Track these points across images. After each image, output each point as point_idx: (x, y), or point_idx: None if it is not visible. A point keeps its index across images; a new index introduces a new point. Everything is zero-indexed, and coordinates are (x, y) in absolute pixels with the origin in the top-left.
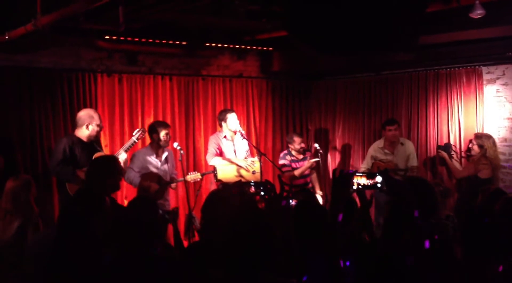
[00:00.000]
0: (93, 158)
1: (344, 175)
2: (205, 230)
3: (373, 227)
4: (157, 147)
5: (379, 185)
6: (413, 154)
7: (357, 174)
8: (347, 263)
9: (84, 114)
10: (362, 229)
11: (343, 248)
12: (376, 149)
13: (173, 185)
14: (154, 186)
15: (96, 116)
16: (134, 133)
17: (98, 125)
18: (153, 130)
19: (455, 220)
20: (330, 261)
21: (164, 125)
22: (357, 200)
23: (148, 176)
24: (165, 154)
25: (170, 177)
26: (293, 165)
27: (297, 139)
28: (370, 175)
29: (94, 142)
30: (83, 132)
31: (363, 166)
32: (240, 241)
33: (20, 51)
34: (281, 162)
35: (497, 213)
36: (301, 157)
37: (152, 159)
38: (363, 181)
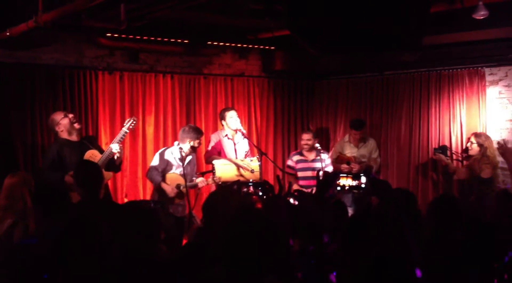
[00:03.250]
0: (82, 159)
1: (328, 176)
2: (205, 230)
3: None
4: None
5: (363, 186)
6: (375, 150)
7: (342, 175)
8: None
9: (50, 120)
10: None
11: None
12: (342, 144)
13: (199, 184)
14: (173, 190)
15: (55, 114)
16: (125, 124)
17: (65, 115)
18: (186, 135)
19: None
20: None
21: (198, 132)
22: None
23: (170, 178)
24: (189, 157)
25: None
26: (298, 166)
27: (304, 135)
28: (355, 176)
29: (84, 139)
30: (63, 133)
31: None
32: (239, 242)
33: (22, 48)
34: (287, 162)
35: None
36: (312, 157)
37: (176, 161)
38: (349, 182)
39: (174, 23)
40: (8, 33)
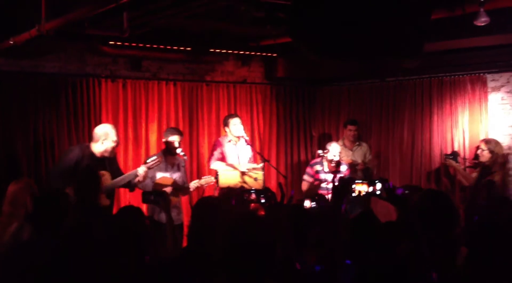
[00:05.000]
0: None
1: (344, 181)
2: (196, 238)
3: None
4: (168, 154)
5: (378, 192)
6: (369, 153)
7: (357, 181)
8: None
9: (100, 130)
10: None
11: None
12: None
13: (192, 186)
14: (167, 189)
15: (112, 132)
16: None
17: (114, 141)
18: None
19: None
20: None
21: (173, 132)
22: None
23: (162, 180)
24: (176, 162)
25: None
26: (317, 176)
27: (330, 147)
28: (371, 182)
29: (107, 159)
30: (98, 148)
31: None
32: (240, 249)
33: (25, 56)
34: (306, 169)
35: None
36: (333, 169)
37: (164, 167)
38: (364, 188)
39: (176, 31)
40: (11, 42)
